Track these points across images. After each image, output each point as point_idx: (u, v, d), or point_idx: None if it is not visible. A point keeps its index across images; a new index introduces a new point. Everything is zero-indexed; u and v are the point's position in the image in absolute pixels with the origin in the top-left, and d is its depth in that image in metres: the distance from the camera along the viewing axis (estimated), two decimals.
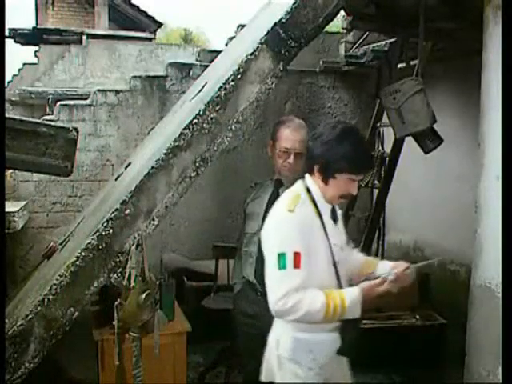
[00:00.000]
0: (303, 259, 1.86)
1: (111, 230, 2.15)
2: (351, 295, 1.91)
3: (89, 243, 2.12)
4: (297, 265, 1.86)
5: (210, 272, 3.99)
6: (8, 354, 2.02)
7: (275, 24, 2.32)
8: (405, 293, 2.12)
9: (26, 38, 8.26)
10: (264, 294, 2.55)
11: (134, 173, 2.64)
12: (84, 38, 7.94)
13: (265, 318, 2.55)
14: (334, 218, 2.05)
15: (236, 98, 2.28)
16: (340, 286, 1.96)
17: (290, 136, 2.52)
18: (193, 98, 2.87)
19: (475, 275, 2.56)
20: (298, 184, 2.05)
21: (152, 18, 10.65)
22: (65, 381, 3.17)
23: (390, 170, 3.92)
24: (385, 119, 3.94)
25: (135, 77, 4.46)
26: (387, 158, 3.95)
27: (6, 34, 7.69)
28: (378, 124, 4.17)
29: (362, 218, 4.28)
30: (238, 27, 4.80)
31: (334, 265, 1.96)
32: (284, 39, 2.32)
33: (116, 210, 2.16)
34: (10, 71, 8.26)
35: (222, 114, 2.27)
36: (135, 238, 2.19)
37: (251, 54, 2.29)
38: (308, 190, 1.99)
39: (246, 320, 2.63)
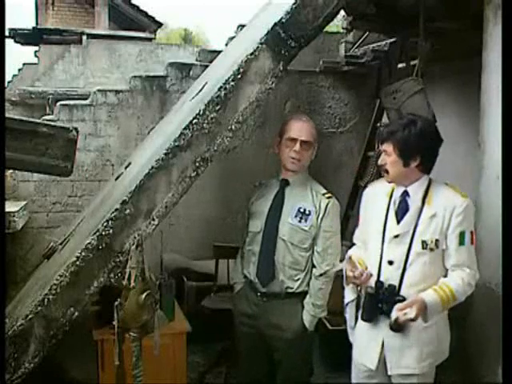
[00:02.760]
0: (361, 221, 2.42)
1: (111, 230, 2.14)
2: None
3: (89, 243, 2.12)
4: (358, 223, 2.46)
5: (210, 272, 3.99)
6: (8, 354, 2.02)
7: (275, 24, 2.31)
8: None
9: (26, 38, 8.25)
10: (264, 295, 2.57)
11: (134, 173, 2.64)
12: (84, 37, 7.93)
13: (263, 318, 2.56)
14: (399, 206, 2.25)
15: (236, 98, 2.28)
16: (380, 264, 2.22)
17: (295, 125, 2.56)
18: (193, 97, 2.87)
19: None
20: None
21: (152, 18, 10.65)
22: (65, 381, 3.16)
23: None
24: (385, 119, 3.94)
25: (135, 77, 4.45)
26: None
27: (6, 34, 7.68)
28: (378, 124, 4.16)
29: None
30: (238, 27, 4.79)
31: (382, 241, 2.23)
32: (284, 39, 2.32)
33: (116, 210, 2.16)
34: (10, 71, 8.26)
35: (222, 114, 2.26)
36: (135, 238, 2.18)
37: (251, 54, 2.29)
38: None
39: (245, 320, 2.63)
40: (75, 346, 2.68)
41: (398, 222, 2.21)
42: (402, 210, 2.22)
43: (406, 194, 2.24)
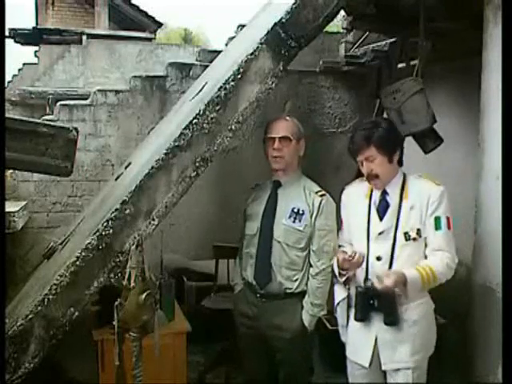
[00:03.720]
0: (344, 224, 2.48)
1: (111, 230, 2.14)
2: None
3: (89, 243, 2.12)
4: (340, 227, 2.52)
5: (210, 272, 3.99)
6: (8, 354, 2.02)
7: (275, 24, 2.32)
8: None
9: (26, 37, 8.25)
10: (263, 296, 2.57)
11: (134, 173, 2.64)
12: (84, 37, 7.93)
13: (263, 319, 2.56)
14: (380, 204, 2.33)
15: (236, 98, 2.28)
16: (367, 261, 2.29)
17: (272, 125, 2.61)
18: (193, 97, 2.87)
19: (475, 275, 2.56)
20: None
21: (152, 18, 10.65)
22: (64, 381, 3.16)
23: None
24: None
25: (135, 77, 4.44)
26: None
27: (6, 34, 7.68)
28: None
29: None
30: (237, 27, 4.78)
31: (368, 239, 2.31)
32: (284, 39, 2.32)
33: (116, 209, 2.16)
34: (9, 71, 8.26)
35: (222, 114, 2.26)
36: (135, 238, 2.18)
37: (251, 54, 2.29)
38: None
39: (245, 321, 2.63)
40: (75, 345, 2.68)
41: (381, 219, 2.31)
42: (382, 208, 2.32)
43: (385, 193, 2.34)
